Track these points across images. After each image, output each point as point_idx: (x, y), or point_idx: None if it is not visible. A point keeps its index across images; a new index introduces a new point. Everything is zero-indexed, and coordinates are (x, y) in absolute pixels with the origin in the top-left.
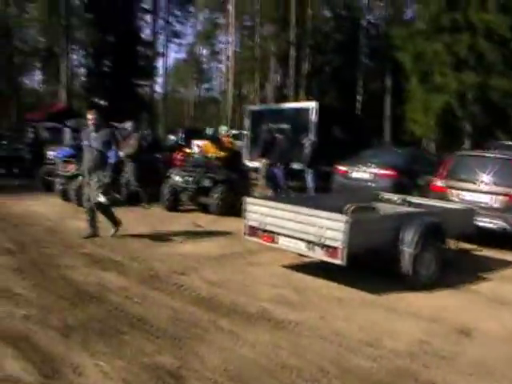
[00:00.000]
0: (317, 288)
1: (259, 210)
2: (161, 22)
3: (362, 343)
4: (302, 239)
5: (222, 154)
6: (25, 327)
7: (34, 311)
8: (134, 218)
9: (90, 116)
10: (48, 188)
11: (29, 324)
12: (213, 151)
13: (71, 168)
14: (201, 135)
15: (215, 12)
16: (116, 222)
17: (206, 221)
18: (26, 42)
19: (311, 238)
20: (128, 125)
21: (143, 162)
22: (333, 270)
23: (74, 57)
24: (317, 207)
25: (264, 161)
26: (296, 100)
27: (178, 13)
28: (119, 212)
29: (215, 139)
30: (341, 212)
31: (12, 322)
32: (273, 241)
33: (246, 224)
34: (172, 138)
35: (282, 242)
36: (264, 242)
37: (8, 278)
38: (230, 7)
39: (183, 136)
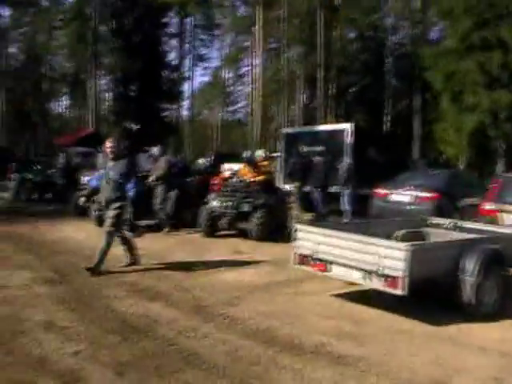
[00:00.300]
0: (374, 319)
1: (311, 237)
2: (187, 46)
3: (433, 381)
4: (357, 268)
5: (259, 177)
6: (75, 364)
7: (83, 346)
8: (173, 244)
9: (108, 144)
10: (82, 214)
11: (79, 360)
12: (249, 175)
13: None
14: (232, 159)
15: (241, 35)
16: (101, 261)
17: (245, 247)
18: (53, 68)
19: (368, 267)
20: (155, 149)
21: (174, 186)
22: (386, 299)
23: (101, 82)
24: (364, 234)
25: (296, 184)
26: (325, 121)
27: (204, 36)
28: (158, 238)
29: (251, 163)
30: (390, 238)
31: (62, 358)
32: (325, 269)
33: (295, 252)
34: (201, 161)
35: (336, 270)
36: (315, 271)
37: (53, 310)
38: (257, 30)
39: (213, 160)
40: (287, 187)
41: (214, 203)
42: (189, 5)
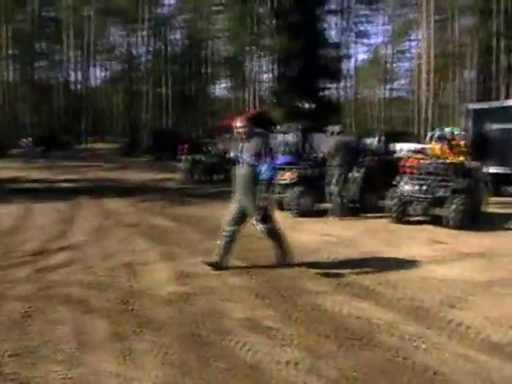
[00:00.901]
0: None
1: None
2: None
3: None
4: None
5: (457, 158)
6: (295, 376)
7: (298, 354)
8: (362, 231)
9: (238, 123)
10: None
11: (299, 373)
12: (446, 155)
13: (288, 176)
14: (400, 138)
15: (406, 7)
16: (285, 254)
17: (444, 236)
18: (214, 52)
19: None
20: (337, 128)
21: (358, 167)
22: None
23: (260, 63)
24: None
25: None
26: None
27: (365, 12)
28: (344, 223)
29: (447, 142)
30: None
31: (277, 367)
32: None
33: None
34: (369, 141)
35: None
36: None
37: (252, 306)
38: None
39: (383, 139)
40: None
41: (406, 187)
42: None
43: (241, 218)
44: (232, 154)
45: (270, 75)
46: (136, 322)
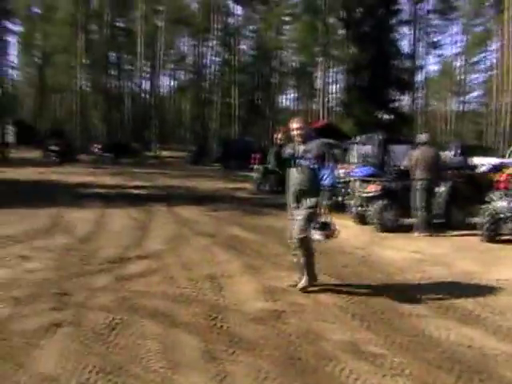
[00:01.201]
0: None
1: None
2: (418, 33)
3: None
4: None
5: None
6: None
7: None
8: (449, 249)
9: (295, 125)
10: (333, 207)
11: None
12: None
13: (372, 188)
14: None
15: (481, 17)
16: (312, 277)
17: None
18: (282, 62)
19: None
20: (423, 136)
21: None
22: None
23: (328, 74)
24: None
25: None
26: None
27: (437, 22)
28: (430, 240)
29: None
30: None
31: None
32: None
33: None
34: (445, 154)
35: None
36: None
37: (350, 327)
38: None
39: (458, 152)
40: None
41: (500, 203)
42: None
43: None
44: (287, 153)
45: (339, 86)
46: (227, 341)
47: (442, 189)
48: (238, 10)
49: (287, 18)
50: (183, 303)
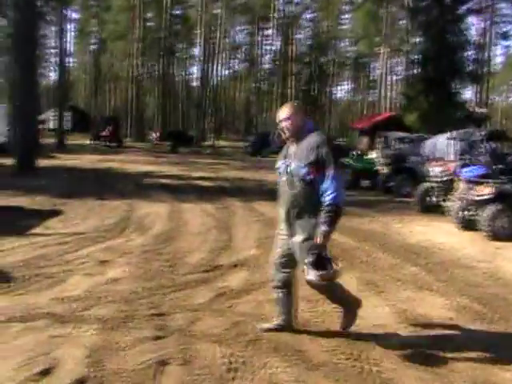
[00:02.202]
0: None
1: None
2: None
3: None
4: None
5: None
6: None
7: None
8: None
9: (281, 114)
10: (426, 209)
11: None
12: None
13: (484, 191)
14: None
15: None
16: (351, 305)
17: None
18: (339, 52)
19: None
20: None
21: None
22: None
23: (387, 65)
24: None
25: None
26: None
27: (508, 11)
28: None
29: None
30: None
31: None
32: None
33: None
34: None
35: None
36: None
37: None
38: None
39: None
40: None
41: None
42: None
43: (293, 258)
44: (278, 165)
45: (396, 77)
46: None
47: None
48: None
49: (347, 7)
50: (311, 334)
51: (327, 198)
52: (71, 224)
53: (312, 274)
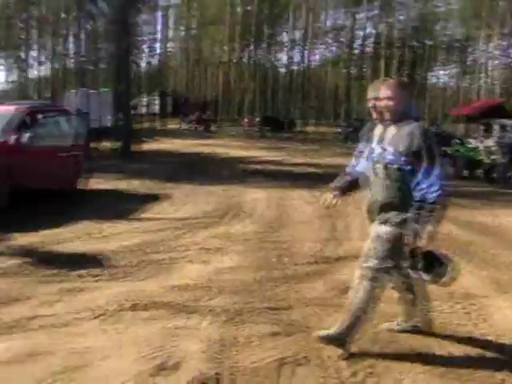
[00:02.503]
0: None
1: None
2: None
3: None
4: None
5: None
6: None
7: None
8: None
9: (382, 92)
10: None
11: None
12: None
13: None
14: None
15: None
16: (349, 331)
17: None
18: (437, 36)
19: None
20: None
21: None
22: None
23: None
24: None
25: None
26: None
27: None
28: None
29: None
30: None
31: None
32: None
33: None
34: None
35: None
36: None
37: None
38: None
39: None
40: None
41: None
42: None
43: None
44: (358, 150)
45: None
46: None
47: None
48: None
49: None
50: (454, 341)
51: (432, 195)
52: (178, 209)
53: (426, 275)
